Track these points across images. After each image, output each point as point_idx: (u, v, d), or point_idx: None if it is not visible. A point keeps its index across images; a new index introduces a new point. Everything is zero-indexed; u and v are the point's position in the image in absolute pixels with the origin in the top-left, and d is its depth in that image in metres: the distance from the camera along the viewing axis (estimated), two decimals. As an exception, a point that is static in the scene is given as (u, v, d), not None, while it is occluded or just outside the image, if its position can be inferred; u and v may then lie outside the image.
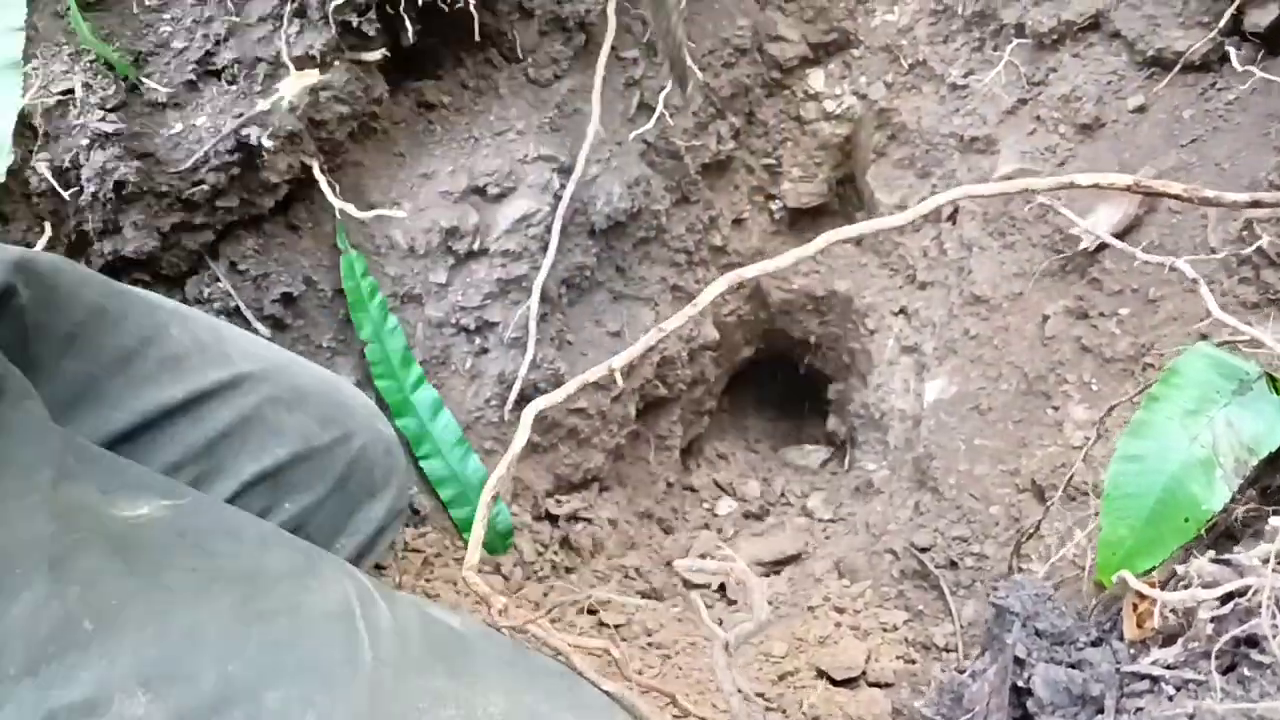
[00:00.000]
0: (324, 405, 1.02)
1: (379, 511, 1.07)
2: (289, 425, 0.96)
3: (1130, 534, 0.65)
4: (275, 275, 1.38)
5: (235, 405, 0.92)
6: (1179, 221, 1.40)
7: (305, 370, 1.05)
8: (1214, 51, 1.45)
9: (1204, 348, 0.69)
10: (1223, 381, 0.66)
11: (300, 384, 1.01)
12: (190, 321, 0.96)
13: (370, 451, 1.04)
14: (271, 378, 0.97)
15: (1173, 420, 0.66)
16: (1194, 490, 0.64)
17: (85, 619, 0.58)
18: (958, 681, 0.58)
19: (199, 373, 0.91)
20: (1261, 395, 0.65)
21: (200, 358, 0.92)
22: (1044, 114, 1.56)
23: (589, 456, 1.65)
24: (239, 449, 0.93)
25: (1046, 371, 1.45)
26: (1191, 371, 0.68)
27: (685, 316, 1.01)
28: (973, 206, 1.63)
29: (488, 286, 1.48)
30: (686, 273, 1.76)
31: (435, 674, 0.64)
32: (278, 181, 1.34)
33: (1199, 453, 0.64)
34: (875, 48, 1.74)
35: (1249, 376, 0.67)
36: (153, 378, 0.88)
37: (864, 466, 1.82)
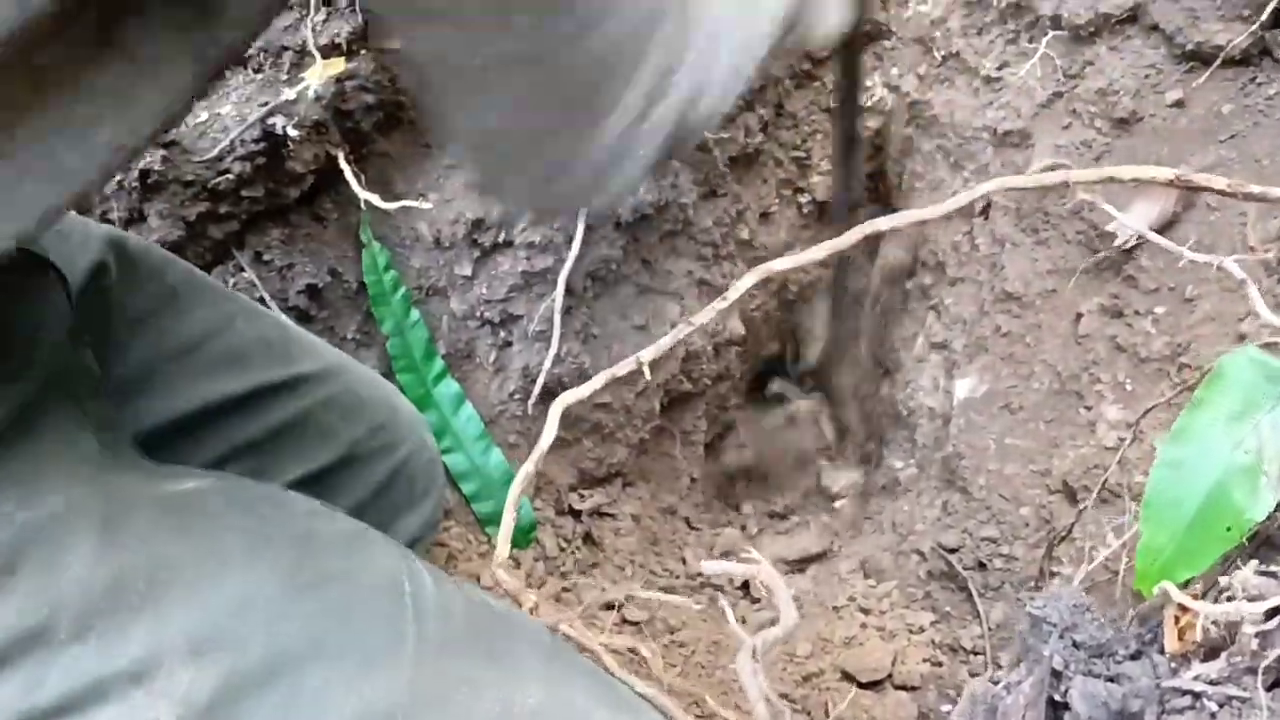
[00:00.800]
0: (376, 413, 1.02)
1: (415, 523, 1.07)
2: (339, 430, 0.97)
3: (1170, 542, 0.63)
4: (300, 266, 1.38)
5: (290, 405, 0.93)
6: (1217, 219, 1.37)
7: (363, 375, 1.06)
8: (1254, 46, 1.42)
9: (1249, 350, 0.67)
10: (1269, 386, 0.64)
11: (356, 390, 1.01)
12: (259, 318, 0.97)
13: (413, 463, 1.05)
14: (329, 381, 0.98)
15: (1216, 425, 0.64)
16: (1237, 498, 0.62)
17: (138, 581, 0.58)
18: (991, 693, 0.57)
19: (259, 370, 0.92)
20: (1313, 402, 0.63)
21: (263, 355, 0.93)
22: (1080, 108, 1.53)
23: (613, 451, 1.64)
24: (287, 449, 0.93)
25: (1079, 371, 1.42)
26: (1236, 375, 0.66)
27: (714, 311, 1.00)
28: (1006, 202, 1.61)
29: (512, 279, 1.47)
30: (714, 266, 1.75)
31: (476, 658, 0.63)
32: (303, 172, 1.34)
33: (1242, 459, 0.62)
34: (908, 39, 1.71)
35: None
36: (213, 370, 0.89)
37: (891, 465, 1.80)
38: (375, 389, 1.07)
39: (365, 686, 0.58)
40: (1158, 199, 1.42)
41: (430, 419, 1.41)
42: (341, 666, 0.59)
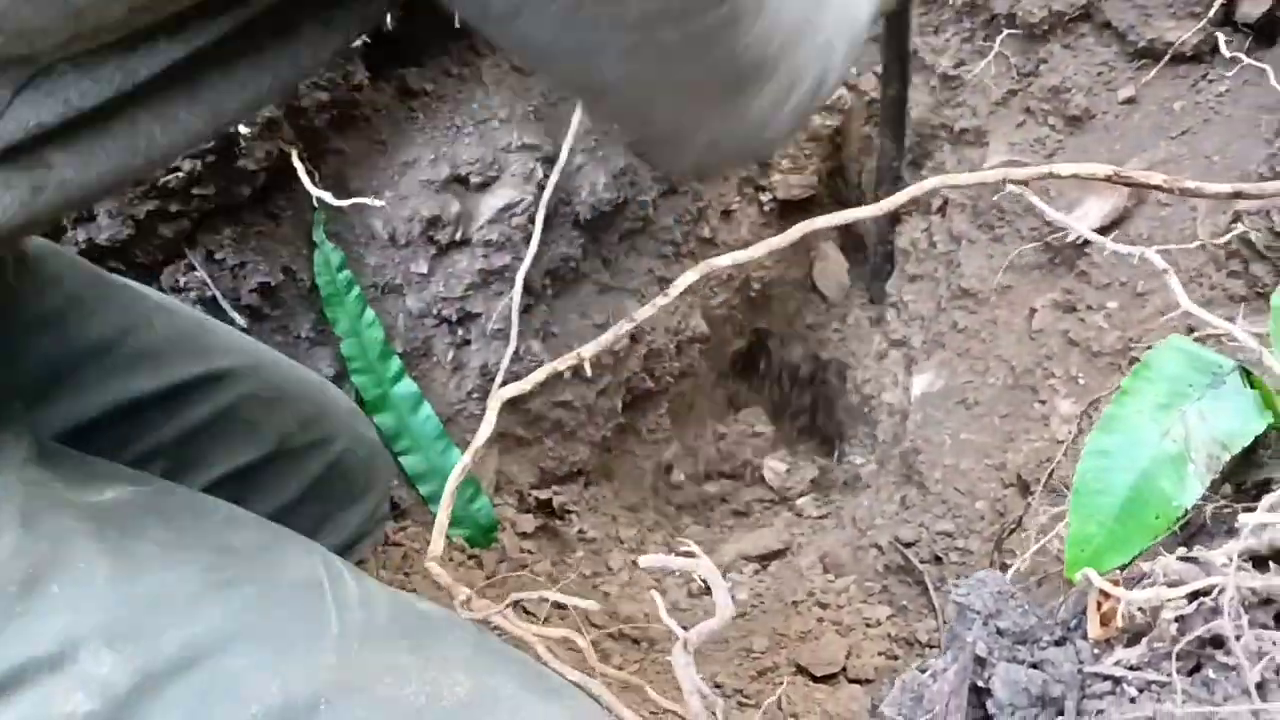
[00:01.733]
0: (305, 406, 1.01)
1: (356, 518, 1.06)
2: (266, 424, 0.95)
3: (1099, 531, 0.63)
4: (253, 265, 1.36)
5: (212, 401, 0.92)
6: (1168, 214, 1.39)
7: (290, 370, 1.04)
8: (1205, 43, 1.43)
9: (1176, 340, 0.68)
10: (1196, 375, 0.65)
11: (283, 383, 1.00)
12: (175, 315, 0.95)
13: (350, 457, 1.03)
14: (254, 375, 0.96)
15: (1143, 414, 0.64)
16: (1165, 486, 0.62)
17: (53, 576, 0.58)
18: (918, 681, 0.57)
19: (177, 366, 0.90)
20: (1235, 389, 0.64)
21: (180, 351, 0.92)
22: (1034, 105, 1.54)
23: (574, 450, 1.64)
24: (211, 445, 0.92)
25: (1034, 365, 1.43)
26: (1164, 365, 0.66)
27: (656, 306, 1.00)
28: (961, 199, 1.62)
29: (470, 277, 1.47)
30: (674, 264, 1.74)
31: (400, 650, 0.64)
32: (256, 169, 1.33)
33: (1170, 448, 0.63)
34: (866, 38, 1.71)
35: (1222, 370, 0.65)
36: (128, 368, 0.87)
37: (852, 460, 1.81)
38: (304, 383, 1.05)
39: (287, 671, 0.58)
40: (1109, 196, 1.43)
41: (387, 420, 1.40)
42: (262, 653, 0.59)
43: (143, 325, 0.90)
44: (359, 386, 1.39)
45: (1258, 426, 0.62)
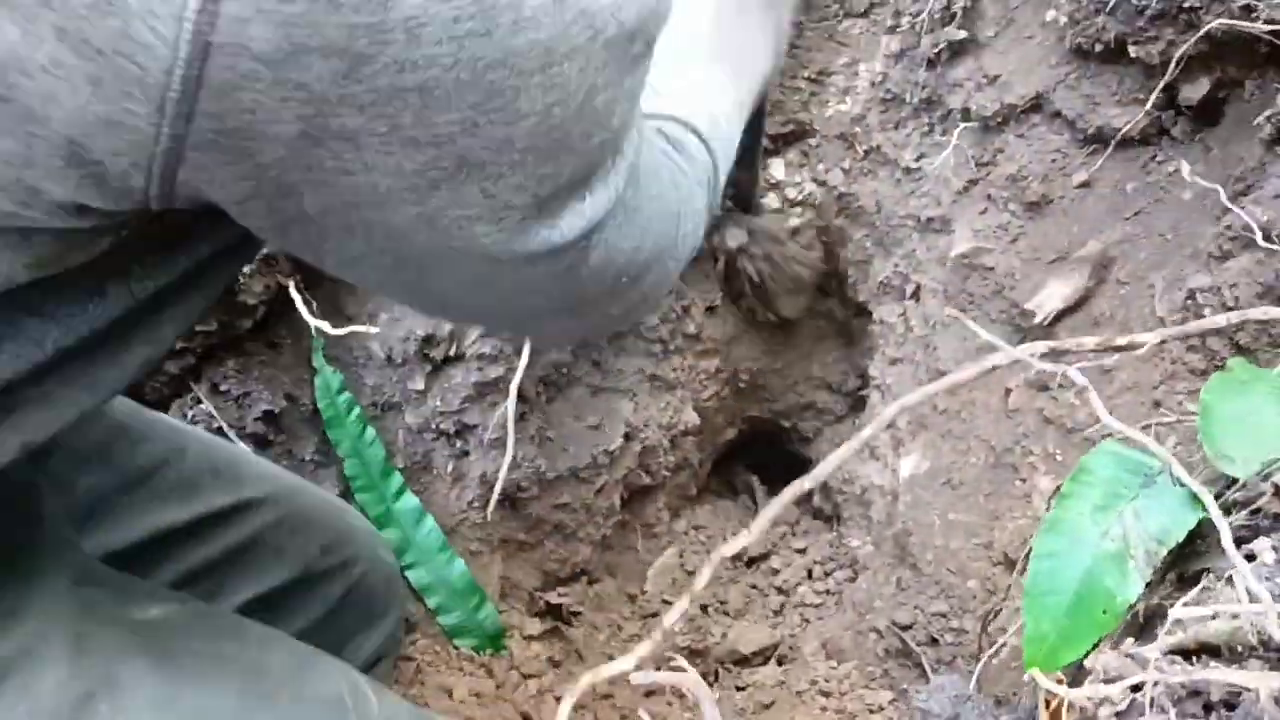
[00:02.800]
0: (328, 532, 1.06)
1: (375, 640, 1.10)
2: (290, 550, 1.01)
3: (1053, 629, 0.68)
4: (257, 393, 1.43)
5: (240, 529, 0.97)
6: (1127, 293, 1.45)
7: (314, 497, 1.10)
8: (1152, 126, 1.50)
9: (1109, 445, 0.73)
10: (1129, 476, 0.70)
11: (307, 510, 1.05)
12: (208, 446, 1.02)
13: (370, 580, 1.09)
14: (279, 503, 1.02)
15: (1084, 516, 0.69)
16: (1109, 583, 0.67)
17: (103, 695, 0.63)
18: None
19: (209, 496, 0.96)
20: (1165, 488, 0.69)
21: (213, 482, 0.97)
22: (994, 193, 1.61)
23: (576, 550, 1.68)
24: (239, 571, 0.97)
25: (1013, 444, 1.48)
26: (1099, 468, 0.71)
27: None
28: (933, 284, 1.68)
29: (465, 390, 1.53)
30: (663, 361, 1.81)
31: None
32: (255, 303, 1.40)
33: (1110, 546, 0.68)
34: (831, 136, 1.80)
35: (1152, 470, 0.71)
36: (164, 498, 0.93)
37: (849, 543, 1.85)
38: (327, 509, 1.11)
39: None
40: (1071, 277, 1.49)
41: (392, 535, 1.45)
42: None
43: (180, 456, 0.96)
44: (363, 504, 1.44)
45: (1189, 521, 0.67)
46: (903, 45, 1.67)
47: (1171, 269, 1.41)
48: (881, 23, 1.70)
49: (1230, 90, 1.43)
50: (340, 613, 1.06)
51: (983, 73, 1.61)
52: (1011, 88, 1.59)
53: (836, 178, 1.81)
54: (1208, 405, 0.76)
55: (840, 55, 1.74)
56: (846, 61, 1.74)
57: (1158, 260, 1.43)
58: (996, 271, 1.58)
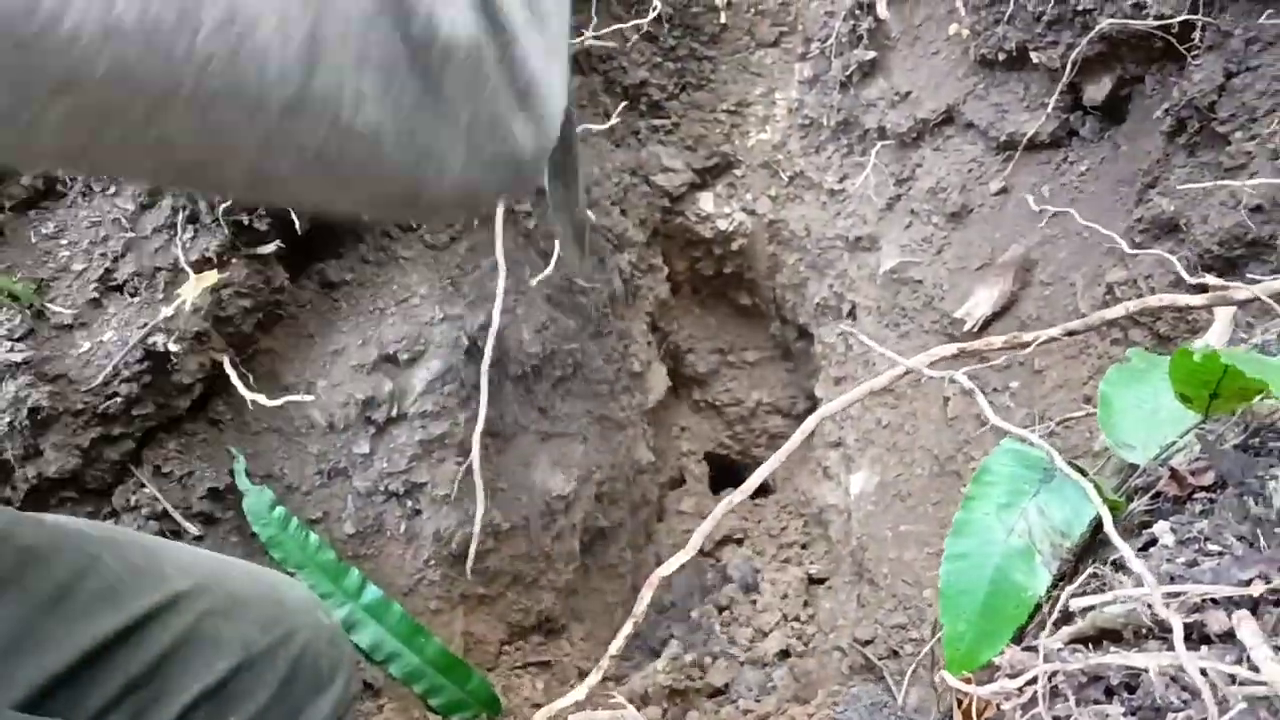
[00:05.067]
0: (263, 607, 1.03)
1: (326, 707, 1.08)
2: (228, 636, 0.97)
3: (969, 629, 0.69)
4: (200, 473, 1.42)
5: (173, 626, 0.93)
6: (1051, 293, 1.47)
7: (242, 574, 1.06)
8: (1061, 128, 1.54)
9: (1008, 444, 0.75)
10: (1029, 473, 0.71)
11: (237, 590, 1.02)
12: (122, 546, 0.97)
13: (313, 647, 1.06)
14: (208, 590, 0.98)
15: (990, 516, 0.71)
16: (1018, 579, 0.68)
17: None
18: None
19: (134, 599, 0.92)
20: (1065, 482, 0.70)
21: (135, 583, 0.93)
22: (916, 207, 1.64)
23: (539, 599, 1.68)
24: (181, 669, 0.94)
25: (955, 451, 1.50)
26: (1000, 468, 0.73)
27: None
28: (868, 303, 1.70)
29: (411, 449, 1.53)
30: (610, 401, 1.82)
31: None
32: (191, 382, 1.39)
33: (1017, 543, 0.69)
34: (755, 165, 1.83)
35: (1051, 466, 0.72)
36: (88, 611, 0.89)
37: (813, 565, 1.85)
38: (258, 584, 1.07)
39: None
40: (996, 284, 1.52)
41: (365, 635, 1.42)
42: None
43: (95, 564, 0.92)
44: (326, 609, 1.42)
45: (1090, 511, 0.69)
46: (815, 71, 1.70)
47: (1090, 266, 1.43)
48: (793, 50, 1.73)
49: (1132, 86, 1.47)
50: (289, 687, 1.03)
51: (894, 91, 1.64)
52: (922, 103, 1.62)
53: (765, 205, 1.84)
54: (1106, 396, 0.77)
55: (756, 85, 1.77)
56: (763, 91, 1.77)
57: (1077, 259, 1.46)
58: (925, 284, 1.61)
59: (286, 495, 1.50)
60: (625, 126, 1.77)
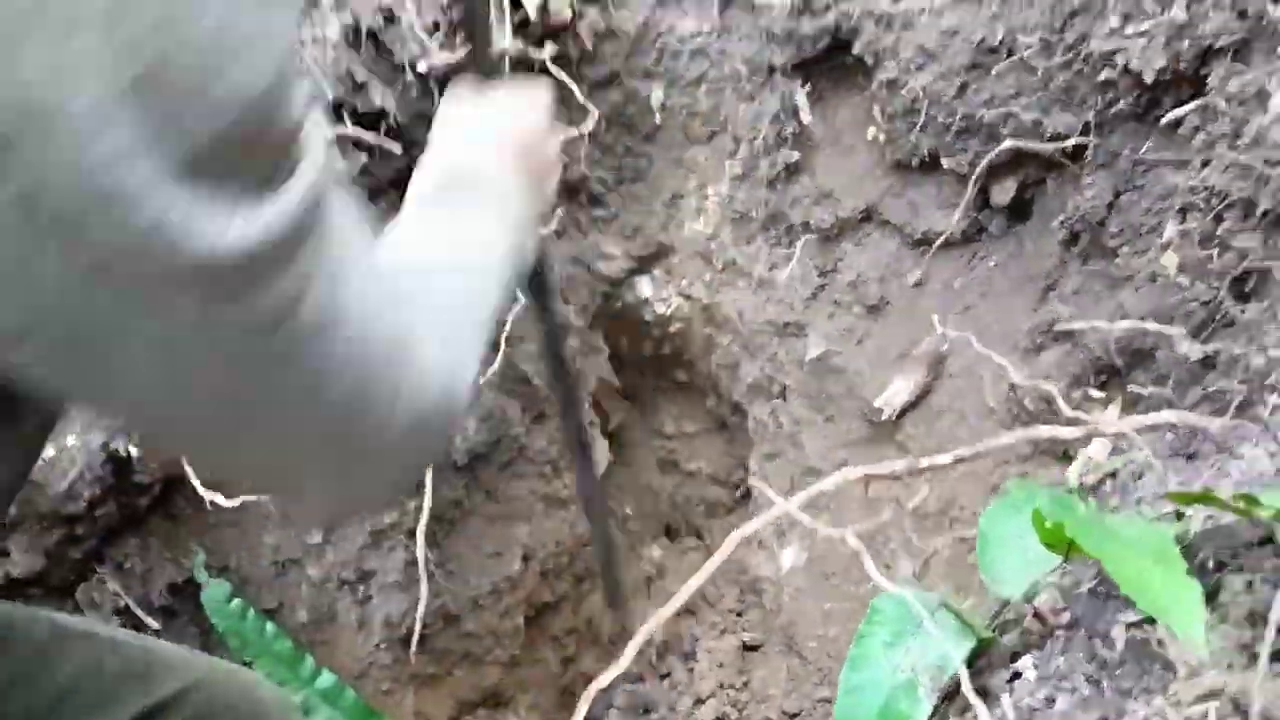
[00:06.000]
0: (242, 708, 1.10)
1: None
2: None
3: (863, 754, 0.78)
4: (159, 569, 1.49)
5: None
6: (963, 385, 1.59)
7: (224, 675, 1.12)
8: (972, 226, 1.65)
9: (892, 593, 0.85)
10: (911, 618, 0.81)
11: (221, 692, 1.08)
12: (120, 649, 1.03)
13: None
14: (196, 691, 1.05)
15: (878, 652, 0.80)
16: (904, 708, 0.77)
17: None
18: None
19: (128, 702, 0.98)
20: (943, 621, 0.80)
21: (129, 686, 1.00)
22: (839, 298, 1.75)
23: (486, 674, 1.75)
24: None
25: (875, 532, 1.60)
26: (887, 610, 0.83)
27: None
28: (795, 385, 1.80)
29: (361, 539, 1.60)
30: (555, 480, 1.90)
31: None
32: (150, 482, 1.46)
33: (902, 677, 0.79)
34: (690, 253, 1.92)
35: (930, 606, 0.82)
36: (88, 713, 0.96)
37: (749, 634, 1.95)
38: (239, 686, 1.15)
39: None
40: (913, 374, 1.63)
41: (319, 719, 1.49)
42: None
43: (97, 668, 0.98)
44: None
45: (965, 647, 0.78)
46: (744, 168, 1.81)
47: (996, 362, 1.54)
48: (724, 148, 1.83)
49: (1035, 189, 1.59)
50: None
51: (817, 189, 1.75)
52: (844, 201, 1.73)
53: (699, 290, 1.94)
54: (983, 532, 0.87)
55: (690, 180, 1.87)
56: (696, 185, 1.88)
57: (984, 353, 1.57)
58: (848, 372, 1.71)
59: (243, 585, 1.57)
60: (568, 217, 1.87)
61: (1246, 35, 1.18)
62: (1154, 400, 1.25)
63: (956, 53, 1.49)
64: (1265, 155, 1.06)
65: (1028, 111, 1.44)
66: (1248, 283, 1.12)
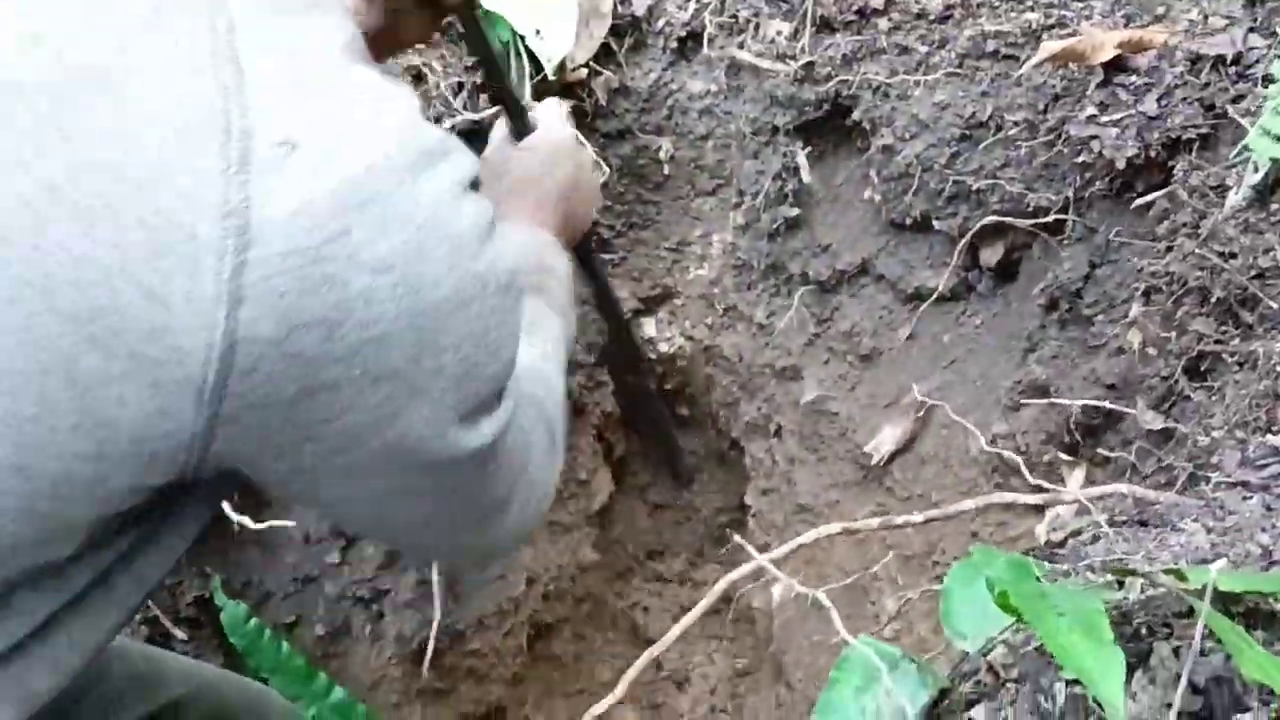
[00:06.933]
0: (250, 717, 1.20)
1: None
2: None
3: (829, 791, 0.88)
4: (188, 582, 1.58)
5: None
6: (947, 433, 1.68)
7: (233, 686, 1.21)
8: (960, 284, 1.75)
9: (864, 640, 0.95)
10: (880, 662, 0.91)
11: (228, 701, 1.17)
12: (126, 656, 1.10)
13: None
14: (200, 698, 1.13)
15: (848, 697, 0.90)
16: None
17: None
18: None
19: (133, 708, 1.06)
20: (906, 670, 0.90)
21: (134, 693, 1.08)
22: (834, 346, 1.85)
23: (489, 691, 1.85)
24: None
25: (862, 570, 1.70)
26: (856, 659, 0.92)
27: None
28: (791, 426, 1.90)
29: (377, 560, 1.70)
30: (559, 508, 2.00)
31: None
32: (183, 504, 1.56)
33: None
34: (694, 297, 2.03)
35: (894, 657, 0.92)
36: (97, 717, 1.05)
37: (740, 660, 2.05)
38: (247, 696, 1.23)
39: None
40: (901, 422, 1.73)
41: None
42: None
43: (106, 673, 1.06)
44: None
45: (924, 695, 0.88)
46: (747, 219, 1.91)
47: (980, 414, 1.64)
48: (728, 200, 1.94)
49: (1022, 252, 1.68)
50: None
51: (816, 243, 1.85)
52: (841, 255, 1.83)
53: (702, 332, 2.04)
54: (948, 590, 0.97)
55: (695, 228, 1.98)
56: (701, 233, 1.98)
57: (970, 405, 1.67)
58: (840, 417, 1.81)
59: (265, 599, 1.67)
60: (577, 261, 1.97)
61: (1210, 129, 1.28)
62: (1119, 465, 1.34)
63: (948, 125, 1.59)
64: (1219, 248, 1.16)
65: (1013, 184, 1.54)
66: (1202, 364, 1.22)
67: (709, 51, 1.82)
